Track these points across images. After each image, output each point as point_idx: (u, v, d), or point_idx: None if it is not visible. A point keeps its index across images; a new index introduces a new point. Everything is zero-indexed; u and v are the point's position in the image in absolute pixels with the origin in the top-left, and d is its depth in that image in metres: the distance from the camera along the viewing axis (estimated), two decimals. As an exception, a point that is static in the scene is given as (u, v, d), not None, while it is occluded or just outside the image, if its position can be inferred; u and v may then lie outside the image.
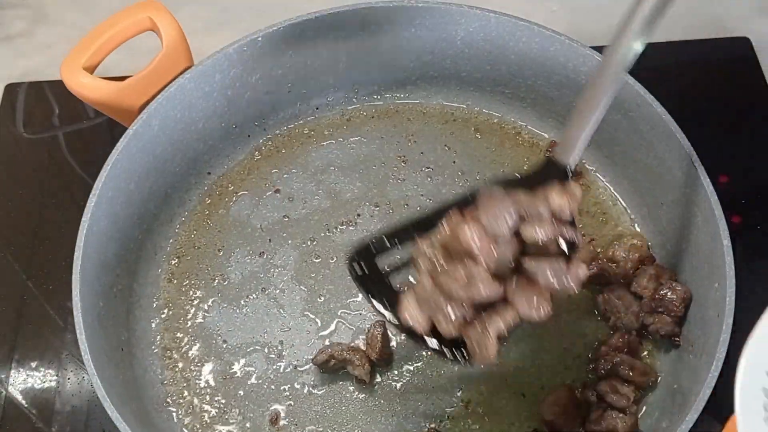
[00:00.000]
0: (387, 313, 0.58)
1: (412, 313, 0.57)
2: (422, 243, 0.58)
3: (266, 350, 0.70)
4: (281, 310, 0.72)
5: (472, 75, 0.81)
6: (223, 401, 0.68)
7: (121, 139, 0.69)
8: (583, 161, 0.79)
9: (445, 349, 0.57)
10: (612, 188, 0.77)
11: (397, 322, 0.58)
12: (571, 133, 0.59)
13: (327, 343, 0.70)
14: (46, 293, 0.79)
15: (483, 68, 0.79)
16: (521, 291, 0.55)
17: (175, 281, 0.74)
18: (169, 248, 0.76)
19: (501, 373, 0.68)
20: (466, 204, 0.58)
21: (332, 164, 0.80)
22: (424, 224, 0.59)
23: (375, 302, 0.59)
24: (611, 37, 0.56)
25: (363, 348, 0.68)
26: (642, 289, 0.68)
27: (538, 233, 0.54)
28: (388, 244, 0.60)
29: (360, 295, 0.72)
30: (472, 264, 0.54)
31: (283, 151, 0.81)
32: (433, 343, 0.57)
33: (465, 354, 0.56)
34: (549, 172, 0.59)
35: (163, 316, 0.72)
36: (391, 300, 0.58)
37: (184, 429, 0.67)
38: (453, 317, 0.55)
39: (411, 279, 0.60)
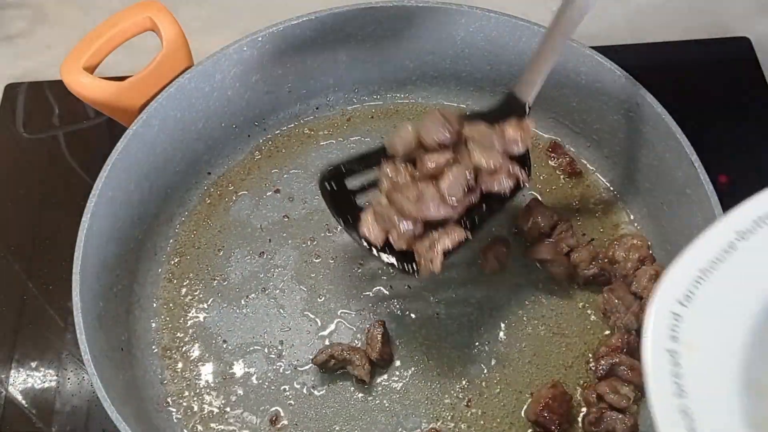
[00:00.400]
0: (349, 229, 0.64)
1: (370, 228, 0.63)
2: (386, 165, 0.64)
3: (266, 350, 0.70)
4: (281, 310, 0.72)
5: (472, 75, 0.81)
6: (223, 401, 0.68)
7: (121, 139, 0.69)
8: (584, 161, 0.79)
9: (396, 262, 0.63)
10: (612, 188, 0.77)
11: (357, 237, 0.64)
12: (531, 74, 0.65)
13: (327, 343, 0.70)
14: (46, 293, 0.79)
15: (483, 68, 0.79)
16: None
17: (175, 281, 0.74)
18: (169, 248, 0.76)
19: (501, 373, 0.68)
20: None
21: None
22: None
23: (338, 218, 0.65)
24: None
25: (363, 348, 0.68)
26: (642, 289, 0.68)
27: (486, 161, 0.61)
28: (358, 167, 0.66)
29: (360, 295, 0.72)
30: (425, 185, 0.61)
31: (283, 151, 0.81)
32: (386, 256, 0.63)
33: (414, 267, 0.62)
34: (509, 108, 0.66)
35: (163, 316, 0.72)
36: (356, 217, 0.64)
37: (184, 429, 0.67)
38: (404, 232, 0.61)
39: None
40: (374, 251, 0.63)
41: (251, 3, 0.99)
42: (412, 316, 0.71)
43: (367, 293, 0.72)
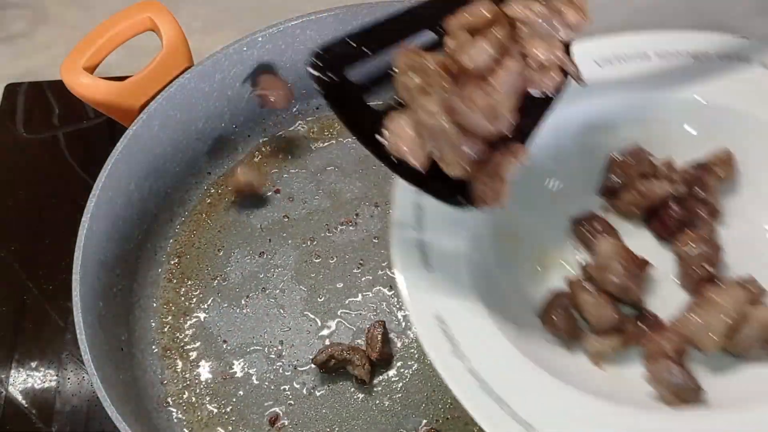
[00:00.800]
0: (367, 145, 0.45)
1: (408, 143, 0.44)
2: (411, 54, 0.45)
3: (266, 350, 0.70)
4: (281, 310, 0.72)
5: (472, 75, 0.80)
6: (223, 401, 0.68)
7: (121, 139, 0.69)
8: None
9: (444, 193, 0.46)
10: (612, 188, 0.77)
11: (380, 155, 0.45)
12: None
13: (327, 343, 0.70)
14: (46, 293, 0.79)
15: (483, 68, 0.79)
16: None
17: (175, 281, 0.74)
18: (169, 248, 0.76)
19: (501, 373, 0.68)
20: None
21: (332, 164, 0.80)
22: (406, 27, 0.47)
23: (353, 128, 0.45)
24: None
25: (363, 348, 0.68)
26: None
27: (546, 54, 0.46)
28: (362, 50, 0.47)
29: (360, 295, 0.72)
30: (490, 89, 0.43)
31: (283, 151, 0.81)
32: (428, 186, 0.45)
33: (466, 198, 0.46)
34: None
35: (163, 316, 0.72)
36: (368, 122, 0.45)
37: (184, 429, 0.67)
38: (466, 154, 0.44)
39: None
40: (409, 178, 0.45)
41: (251, 3, 0.99)
42: (412, 316, 0.71)
43: (367, 293, 0.72)
